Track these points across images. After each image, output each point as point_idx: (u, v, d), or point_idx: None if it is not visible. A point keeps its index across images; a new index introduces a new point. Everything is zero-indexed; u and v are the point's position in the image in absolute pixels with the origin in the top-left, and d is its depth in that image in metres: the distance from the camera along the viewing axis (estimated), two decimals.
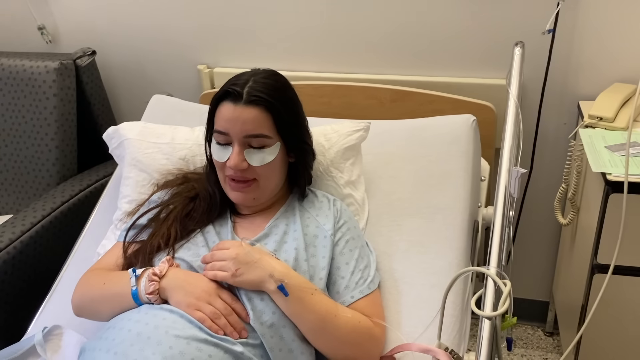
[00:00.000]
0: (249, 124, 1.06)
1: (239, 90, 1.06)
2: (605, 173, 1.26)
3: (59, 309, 1.29)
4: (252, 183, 1.10)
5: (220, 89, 1.11)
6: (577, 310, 1.48)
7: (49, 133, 1.76)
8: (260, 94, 1.06)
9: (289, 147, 1.13)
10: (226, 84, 1.10)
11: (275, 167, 1.11)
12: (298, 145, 1.15)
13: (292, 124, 1.12)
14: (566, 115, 1.66)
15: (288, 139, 1.11)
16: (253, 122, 1.06)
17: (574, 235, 1.60)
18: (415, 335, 1.09)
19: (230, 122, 1.06)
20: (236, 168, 1.07)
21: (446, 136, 1.37)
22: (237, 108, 1.06)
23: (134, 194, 1.33)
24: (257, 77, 1.09)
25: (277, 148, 1.10)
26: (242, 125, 1.06)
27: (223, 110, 1.08)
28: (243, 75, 1.11)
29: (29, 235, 1.53)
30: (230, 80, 1.11)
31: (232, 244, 1.05)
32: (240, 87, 1.07)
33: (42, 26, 1.97)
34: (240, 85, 1.07)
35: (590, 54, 1.57)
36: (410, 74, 1.70)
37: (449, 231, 1.24)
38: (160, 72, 1.95)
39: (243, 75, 1.11)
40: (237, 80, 1.09)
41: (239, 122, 1.06)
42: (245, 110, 1.06)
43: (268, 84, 1.09)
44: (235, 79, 1.11)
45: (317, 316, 1.02)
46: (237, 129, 1.06)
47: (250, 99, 1.06)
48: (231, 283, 1.02)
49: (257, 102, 1.06)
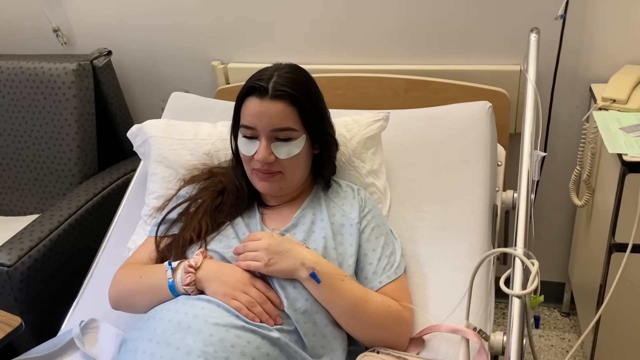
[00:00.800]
0: (276, 118, 1.09)
1: (264, 85, 1.09)
2: (622, 154, 1.29)
3: (93, 303, 1.33)
4: (278, 174, 1.14)
5: (245, 85, 1.13)
6: (595, 291, 1.51)
7: (69, 133, 1.80)
8: (286, 88, 1.09)
9: (314, 139, 1.16)
10: (250, 80, 1.13)
11: (301, 159, 1.14)
12: (322, 137, 1.18)
13: (316, 116, 1.15)
14: (578, 98, 1.68)
15: (313, 131, 1.14)
16: (279, 116, 1.09)
17: (590, 216, 1.63)
18: (442, 317, 1.12)
19: (257, 117, 1.09)
20: (264, 161, 1.10)
21: (463, 123, 1.40)
22: (264, 103, 1.09)
23: (161, 189, 1.37)
24: (281, 72, 1.12)
25: (303, 140, 1.13)
26: (269, 120, 1.09)
27: (249, 105, 1.11)
28: (266, 70, 1.14)
29: (57, 233, 1.57)
30: (254, 76, 1.14)
31: (264, 234, 1.09)
32: (265, 82, 1.10)
33: (57, 28, 2.00)
34: (265, 81, 1.10)
35: (601, 37, 1.59)
36: (423, 63, 1.72)
37: (471, 215, 1.27)
38: (175, 69, 1.98)
39: (266, 70, 1.14)
40: (262, 76, 1.12)
41: (266, 117, 1.09)
42: (271, 104, 1.08)
43: (292, 78, 1.11)
44: (259, 74, 1.13)
45: (348, 301, 1.05)
46: (264, 123, 1.09)
47: (276, 93, 1.08)
48: (264, 272, 1.05)
49: (283, 96, 1.09)
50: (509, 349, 0.87)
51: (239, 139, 1.15)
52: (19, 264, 1.45)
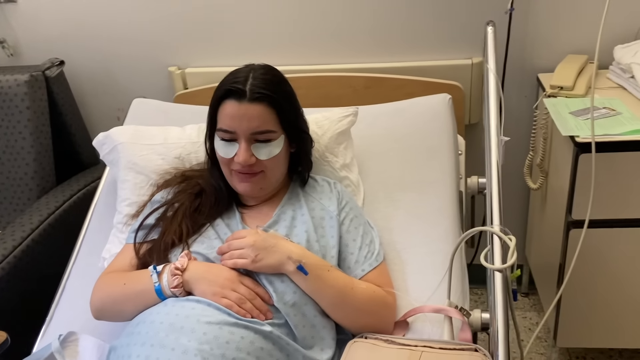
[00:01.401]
0: (255, 121, 1.09)
1: (241, 87, 1.09)
2: (574, 136, 1.38)
3: (68, 316, 1.30)
4: (259, 174, 1.15)
5: (220, 88, 1.13)
6: (555, 269, 1.60)
7: (24, 147, 1.74)
8: (263, 90, 1.09)
9: (291, 138, 1.18)
10: (225, 82, 1.12)
11: (281, 158, 1.16)
12: (299, 135, 1.20)
13: (293, 116, 1.16)
14: (527, 88, 1.79)
15: (290, 130, 1.16)
16: (259, 118, 1.09)
17: (545, 198, 1.73)
18: (423, 299, 1.17)
19: (236, 120, 1.09)
20: (245, 164, 1.10)
21: (426, 115, 1.46)
22: (242, 106, 1.09)
23: (133, 196, 1.35)
24: (256, 74, 1.12)
25: (282, 140, 1.14)
26: (249, 123, 1.09)
27: (227, 108, 1.10)
28: (240, 72, 1.13)
29: (20, 249, 1.52)
30: (228, 79, 1.13)
31: (248, 232, 1.10)
32: (242, 84, 1.09)
33: (2, 40, 1.93)
34: (241, 83, 1.10)
35: (545, 29, 1.70)
36: (381, 61, 1.78)
37: (441, 202, 1.33)
38: (130, 77, 1.95)
39: (240, 72, 1.14)
40: (237, 78, 1.11)
41: (245, 120, 1.09)
42: (250, 107, 1.09)
43: (268, 79, 1.12)
44: (233, 77, 1.13)
45: (335, 290, 1.08)
46: (244, 126, 1.09)
47: (254, 96, 1.08)
48: (252, 269, 1.07)
49: (261, 98, 1.09)
50: (495, 322, 0.92)
51: (216, 141, 1.15)
52: None
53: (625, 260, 1.51)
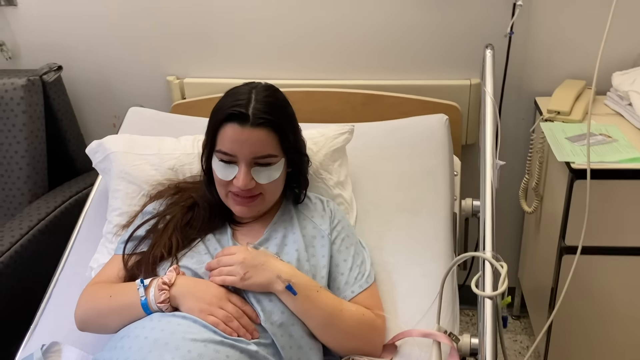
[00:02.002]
0: (257, 146, 1.07)
1: (244, 111, 1.07)
2: (569, 162, 1.38)
3: (53, 325, 1.28)
4: (258, 197, 1.13)
5: (222, 110, 1.09)
6: (547, 293, 1.59)
7: (18, 151, 1.73)
8: (267, 115, 1.07)
9: (290, 161, 1.16)
10: (226, 104, 1.09)
11: (279, 181, 1.15)
12: (298, 158, 1.19)
13: (293, 139, 1.15)
14: (524, 111, 1.79)
15: (290, 154, 1.15)
16: (261, 143, 1.08)
17: (539, 222, 1.73)
18: (412, 322, 1.16)
19: (238, 144, 1.07)
20: (245, 187, 1.09)
21: (423, 135, 1.46)
22: (245, 130, 1.06)
23: (124, 206, 1.34)
24: (259, 96, 1.09)
25: (282, 164, 1.13)
26: (251, 147, 1.07)
27: (228, 131, 1.08)
28: (241, 93, 1.10)
29: (8, 255, 1.50)
30: (228, 100, 1.10)
31: (238, 249, 1.09)
32: (244, 107, 1.07)
33: (1, 42, 1.92)
34: (243, 106, 1.07)
35: (544, 53, 1.70)
36: (379, 78, 1.78)
37: (434, 223, 1.32)
38: (128, 85, 1.94)
39: (241, 91, 1.11)
40: (238, 100, 1.08)
41: (247, 145, 1.07)
42: (253, 132, 1.07)
43: (271, 102, 1.10)
44: (234, 98, 1.09)
45: (324, 312, 1.07)
46: (246, 151, 1.07)
47: (257, 121, 1.06)
48: (240, 287, 1.05)
49: (264, 124, 1.07)
50: (484, 349, 0.91)
51: (215, 162, 1.12)
52: None
53: (617, 287, 1.50)
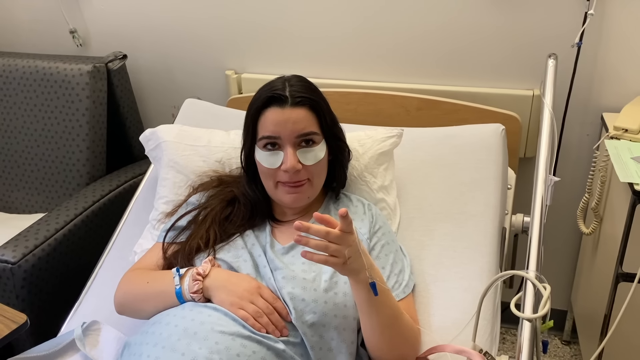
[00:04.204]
0: (300, 123, 1.09)
1: (281, 93, 1.09)
2: (633, 183, 1.29)
3: (95, 305, 1.32)
4: (306, 183, 1.12)
5: (258, 98, 1.12)
6: (599, 320, 1.50)
7: (80, 134, 1.80)
8: (304, 94, 1.10)
9: (329, 145, 1.16)
10: (263, 92, 1.12)
11: (324, 164, 1.15)
12: (336, 143, 1.18)
13: (331, 121, 1.16)
14: (589, 126, 1.69)
15: (329, 136, 1.15)
16: (303, 121, 1.09)
17: (597, 245, 1.63)
18: (448, 337, 1.11)
19: (280, 125, 1.09)
20: (293, 169, 1.08)
21: (476, 144, 1.40)
22: (285, 110, 1.09)
23: (171, 194, 1.37)
24: (292, 81, 1.13)
25: (324, 146, 1.13)
26: (293, 125, 1.08)
27: (269, 115, 1.10)
28: (276, 82, 1.13)
29: (62, 232, 1.56)
30: (265, 89, 1.13)
31: (346, 223, 0.90)
32: (281, 90, 1.10)
33: (74, 30, 2.01)
34: (280, 90, 1.10)
35: (614, 67, 1.60)
36: (436, 84, 1.73)
37: (480, 237, 1.27)
38: (188, 76, 1.99)
39: (275, 82, 1.14)
40: (274, 87, 1.11)
41: (290, 123, 1.08)
42: (293, 111, 1.09)
43: (305, 85, 1.13)
44: (270, 87, 1.12)
45: (391, 311, 1.02)
46: (289, 130, 1.08)
47: (296, 100, 1.09)
48: (338, 271, 0.95)
49: (303, 102, 1.10)
50: None
51: (259, 153, 1.13)
52: (23, 262, 1.45)
53: None
